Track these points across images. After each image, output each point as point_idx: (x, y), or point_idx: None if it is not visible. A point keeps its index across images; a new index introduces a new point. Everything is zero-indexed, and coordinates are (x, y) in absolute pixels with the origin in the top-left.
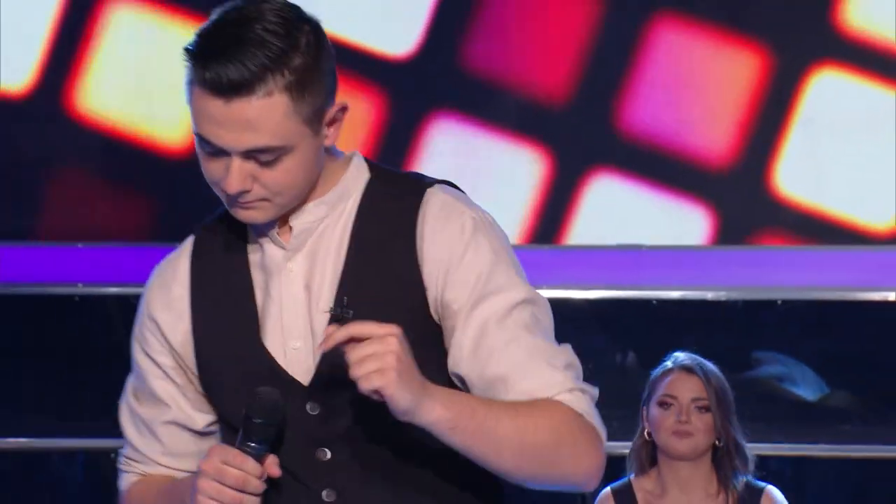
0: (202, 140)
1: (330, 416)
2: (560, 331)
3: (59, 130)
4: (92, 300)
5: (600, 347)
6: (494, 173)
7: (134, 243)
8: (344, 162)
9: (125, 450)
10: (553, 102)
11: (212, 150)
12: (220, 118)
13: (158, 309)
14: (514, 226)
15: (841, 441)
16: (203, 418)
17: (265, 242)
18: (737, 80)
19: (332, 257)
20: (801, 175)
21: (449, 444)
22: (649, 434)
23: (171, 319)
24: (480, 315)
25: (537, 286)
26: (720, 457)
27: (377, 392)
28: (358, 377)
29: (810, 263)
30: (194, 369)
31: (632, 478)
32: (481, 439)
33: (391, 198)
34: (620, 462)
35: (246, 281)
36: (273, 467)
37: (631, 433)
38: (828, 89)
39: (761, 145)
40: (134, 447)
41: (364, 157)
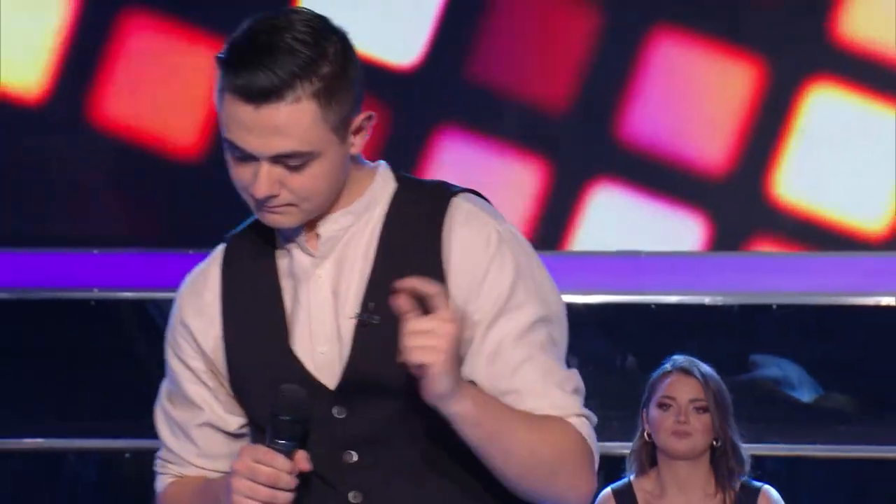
0: (231, 145)
1: (356, 420)
2: None
3: (77, 138)
4: (107, 305)
5: (600, 350)
6: (497, 182)
7: (147, 250)
8: (370, 171)
9: (161, 452)
10: (554, 113)
11: (241, 156)
12: (250, 124)
13: (190, 315)
14: None
15: (836, 441)
16: (235, 420)
17: (293, 250)
18: (733, 91)
19: (360, 264)
20: (796, 183)
21: (465, 439)
22: (649, 435)
23: (203, 325)
24: (499, 331)
25: None
26: (718, 457)
27: (422, 368)
28: (410, 347)
29: (805, 269)
30: (225, 374)
31: (632, 478)
32: (497, 441)
33: (417, 207)
34: (621, 462)
35: (275, 287)
36: (303, 462)
37: (630, 434)
38: (822, 100)
39: (757, 154)
40: (169, 449)
41: (390, 167)
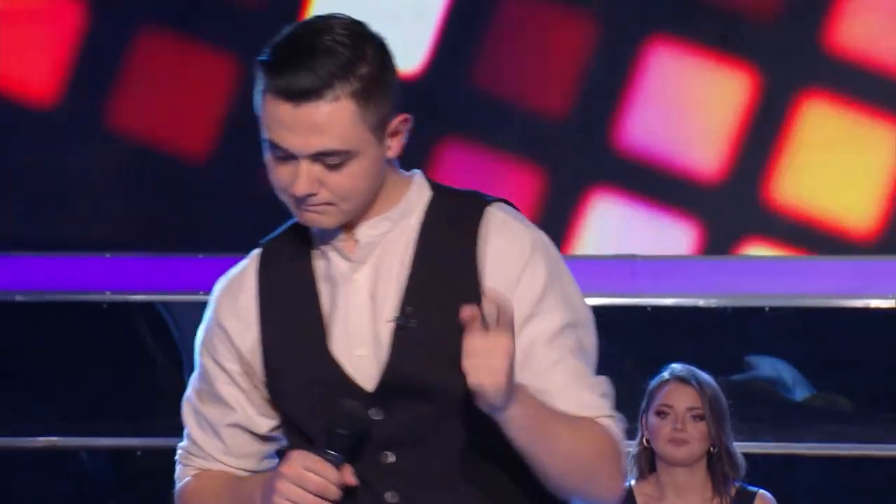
0: (272, 145)
1: (394, 421)
2: None
3: (91, 144)
4: (119, 307)
5: (599, 351)
6: (497, 190)
7: (157, 254)
8: (406, 179)
9: (185, 443)
10: (553, 122)
11: (281, 155)
12: (290, 122)
13: (227, 317)
14: None
15: (827, 440)
16: (267, 423)
17: (331, 254)
18: (727, 101)
19: (397, 270)
20: (788, 190)
21: (513, 441)
22: (648, 441)
23: (240, 328)
24: (531, 333)
25: None
26: (714, 462)
27: (481, 386)
28: (470, 367)
29: (796, 273)
30: (262, 376)
31: (632, 483)
32: (543, 442)
33: (453, 215)
34: None
35: (312, 291)
36: (349, 476)
37: (628, 434)
38: (815, 108)
39: (750, 162)
40: (195, 443)
41: (425, 175)
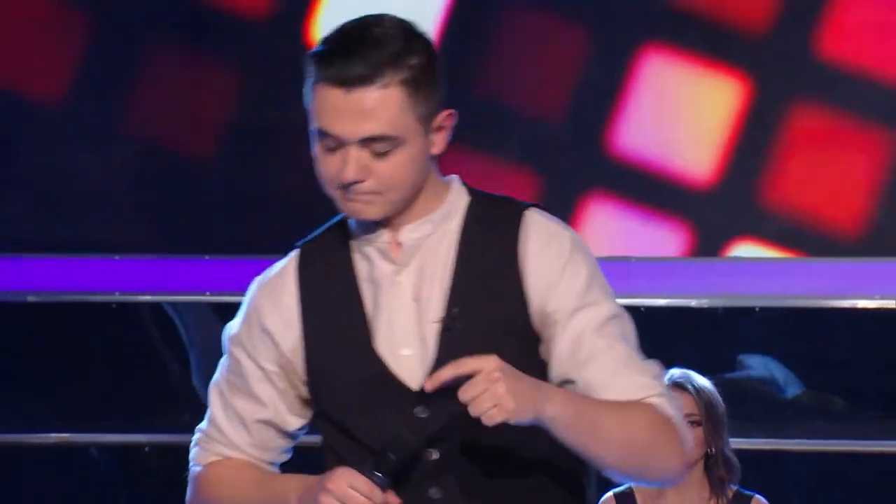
0: (321, 133)
1: (438, 419)
2: None
3: (101, 147)
4: (127, 307)
5: None
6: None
7: (165, 256)
8: (446, 184)
9: (206, 427)
10: (549, 128)
11: (331, 143)
12: (341, 108)
13: (269, 317)
14: None
15: (816, 436)
16: (297, 421)
17: (374, 257)
18: (718, 107)
19: (440, 272)
20: (778, 194)
21: (563, 439)
22: None
23: (282, 327)
24: (578, 324)
25: None
26: (711, 465)
27: (491, 416)
28: (479, 415)
29: (785, 274)
30: (303, 374)
31: (633, 484)
32: (592, 436)
33: (492, 218)
34: None
35: (355, 292)
36: (393, 498)
37: None
38: (804, 115)
39: (740, 166)
40: (220, 429)
41: (461, 181)
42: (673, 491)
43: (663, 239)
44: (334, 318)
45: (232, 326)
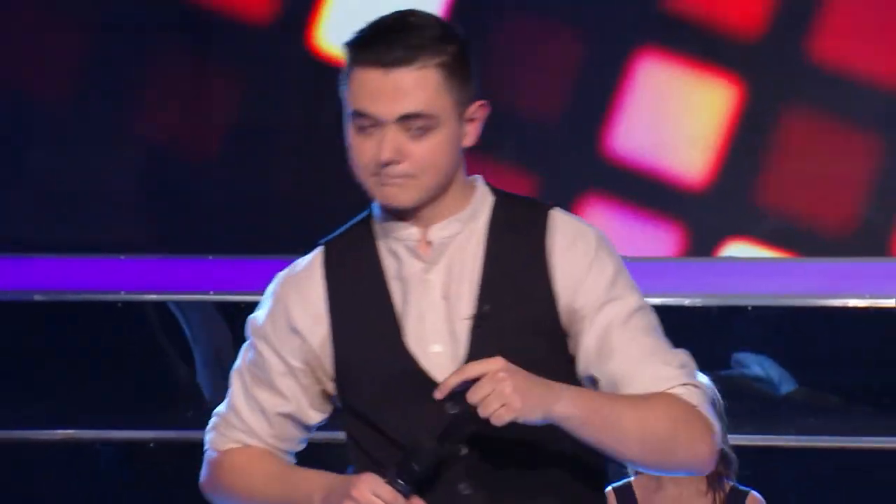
0: (358, 115)
1: (467, 416)
2: None
3: (106, 149)
4: (132, 306)
5: None
6: None
7: (169, 256)
8: (472, 184)
9: (225, 412)
10: (544, 130)
11: (367, 124)
12: (380, 87)
13: (297, 313)
14: None
15: (807, 432)
16: (318, 416)
17: (403, 255)
18: (712, 110)
19: (468, 270)
20: (770, 195)
21: (579, 438)
22: None
23: (311, 323)
24: (605, 318)
25: None
26: None
27: (499, 415)
28: (487, 416)
29: (777, 273)
30: (331, 370)
31: (632, 479)
32: (608, 432)
33: (518, 218)
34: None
35: (383, 289)
36: (417, 501)
37: None
38: (795, 117)
39: (733, 168)
40: (240, 416)
41: (485, 181)
42: (671, 484)
43: (657, 239)
44: (363, 314)
45: (257, 318)
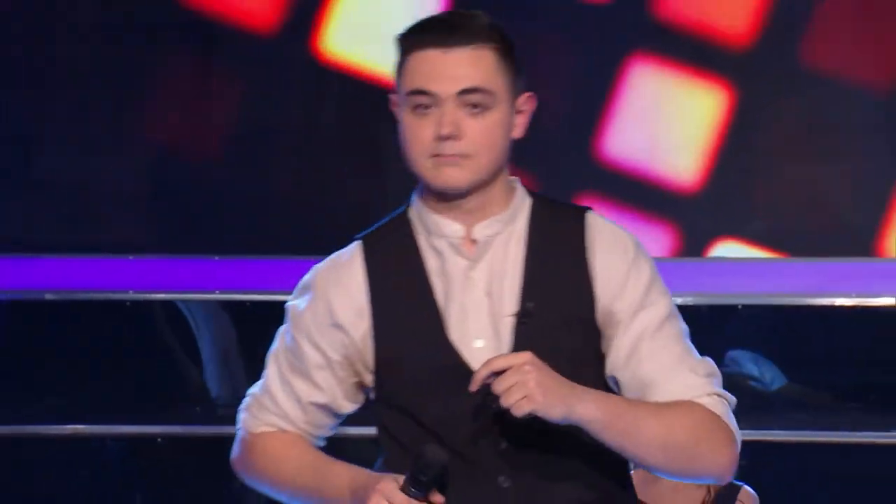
0: (416, 94)
1: (509, 411)
2: None
3: (115, 151)
4: (141, 305)
5: None
6: None
7: (177, 255)
8: (512, 185)
9: (259, 393)
10: (539, 133)
11: (426, 102)
12: (439, 65)
13: (339, 306)
14: None
15: (797, 428)
16: (351, 406)
17: (447, 252)
18: (704, 114)
19: (510, 269)
20: (761, 196)
21: (601, 441)
22: None
23: (353, 317)
24: (640, 324)
25: None
26: None
27: (519, 406)
28: (509, 406)
29: (767, 273)
30: (371, 363)
31: (631, 473)
32: (630, 437)
33: (557, 219)
34: None
35: (426, 285)
36: (437, 497)
37: None
38: (786, 122)
39: (724, 171)
40: (275, 400)
41: (521, 183)
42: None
43: (651, 240)
44: (406, 309)
45: (296, 306)
